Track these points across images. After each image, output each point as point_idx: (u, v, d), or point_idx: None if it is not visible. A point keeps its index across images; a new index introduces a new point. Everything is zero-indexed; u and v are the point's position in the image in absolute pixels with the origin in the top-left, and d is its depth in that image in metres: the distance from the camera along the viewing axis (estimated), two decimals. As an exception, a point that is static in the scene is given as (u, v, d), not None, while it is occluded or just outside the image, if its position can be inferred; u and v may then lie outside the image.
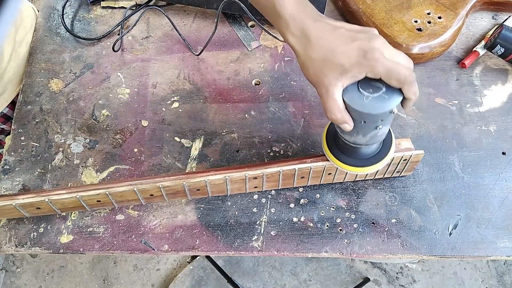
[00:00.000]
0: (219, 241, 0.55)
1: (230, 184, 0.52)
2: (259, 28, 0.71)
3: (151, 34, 0.71)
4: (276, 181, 0.54)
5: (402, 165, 0.54)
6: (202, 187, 0.52)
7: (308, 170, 0.52)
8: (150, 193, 0.52)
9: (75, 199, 0.50)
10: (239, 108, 0.64)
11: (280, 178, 0.53)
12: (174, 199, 0.54)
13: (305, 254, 0.55)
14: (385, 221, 0.56)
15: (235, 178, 0.51)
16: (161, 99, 0.65)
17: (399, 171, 0.56)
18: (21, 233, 0.56)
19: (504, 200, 0.57)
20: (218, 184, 0.52)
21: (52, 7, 0.74)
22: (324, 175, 0.53)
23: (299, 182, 0.55)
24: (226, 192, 0.54)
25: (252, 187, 0.54)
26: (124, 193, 0.51)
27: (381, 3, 0.66)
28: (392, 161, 0.52)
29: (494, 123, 0.62)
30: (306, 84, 0.66)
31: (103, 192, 0.50)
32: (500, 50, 0.62)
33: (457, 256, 0.54)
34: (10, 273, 1.36)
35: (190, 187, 0.51)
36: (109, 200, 0.52)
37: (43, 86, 0.67)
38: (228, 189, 0.53)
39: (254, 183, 0.53)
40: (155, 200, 0.54)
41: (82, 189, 0.50)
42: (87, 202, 0.51)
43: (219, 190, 0.54)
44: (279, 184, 0.55)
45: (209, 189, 0.52)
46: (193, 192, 0.53)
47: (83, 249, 0.55)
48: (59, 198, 0.50)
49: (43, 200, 0.49)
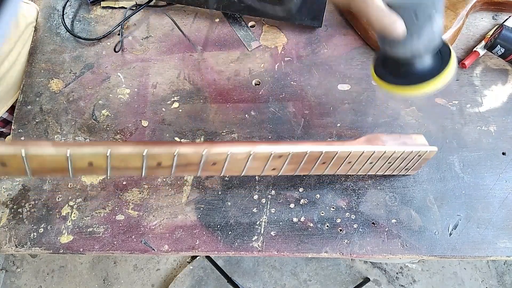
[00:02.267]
0: (219, 241, 0.55)
1: (251, 162, 0.46)
2: (259, 28, 0.71)
3: (151, 34, 0.71)
4: (297, 164, 0.49)
5: (414, 161, 0.54)
6: (220, 161, 0.45)
7: (333, 155, 0.48)
8: (158, 161, 0.42)
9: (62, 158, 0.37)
10: (239, 108, 0.64)
11: (303, 160, 0.48)
12: (181, 173, 0.45)
13: (305, 254, 0.55)
14: (385, 221, 0.56)
15: (260, 154, 0.45)
16: (161, 99, 0.65)
17: (408, 169, 0.56)
18: (21, 233, 0.56)
19: (504, 200, 0.57)
20: (238, 159, 0.45)
21: (52, 7, 0.74)
22: (344, 163, 0.50)
23: (317, 169, 0.51)
24: (241, 172, 0.47)
25: (270, 169, 0.48)
26: (129, 157, 0.40)
27: (381, 3, 0.66)
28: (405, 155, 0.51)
29: (494, 123, 0.62)
30: (306, 84, 0.66)
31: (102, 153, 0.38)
32: (500, 50, 0.62)
33: (457, 256, 0.54)
34: (10, 273, 1.36)
35: (208, 158, 0.44)
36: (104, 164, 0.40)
37: (43, 86, 0.67)
38: (246, 167, 0.46)
39: (275, 163, 0.47)
40: (158, 172, 0.44)
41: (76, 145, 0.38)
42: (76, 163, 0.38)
43: (235, 168, 0.47)
44: (298, 169, 0.49)
45: (226, 165, 0.45)
46: (207, 167, 0.45)
47: (83, 249, 0.55)
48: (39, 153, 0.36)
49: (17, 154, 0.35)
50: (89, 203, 0.58)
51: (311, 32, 0.70)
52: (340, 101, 0.64)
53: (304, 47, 0.69)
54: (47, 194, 0.59)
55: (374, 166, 0.53)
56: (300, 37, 0.70)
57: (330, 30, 0.70)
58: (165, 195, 0.59)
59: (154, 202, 0.58)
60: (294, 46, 0.69)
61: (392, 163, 0.52)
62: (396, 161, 0.52)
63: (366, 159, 0.50)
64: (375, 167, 0.53)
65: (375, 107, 0.64)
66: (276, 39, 0.70)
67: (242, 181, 0.59)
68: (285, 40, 0.70)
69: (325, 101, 0.64)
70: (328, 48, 0.69)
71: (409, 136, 0.54)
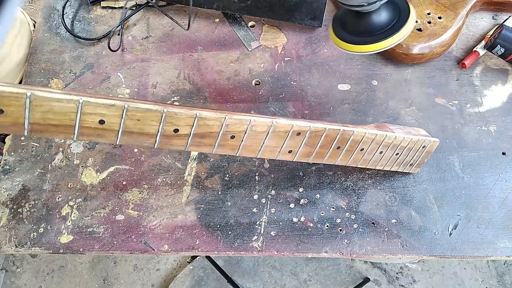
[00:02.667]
0: (219, 241, 0.55)
1: (270, 138, 0.45)
2: (259, 28, 0.71)
3: (151, 34, 0.71)
4: (314, 146, 0.48)
5: (419, 154, 0.54)
6: (239, 134, 0.43)
7: (349, 137, 0.49)
8: (176, 126, 0.39)
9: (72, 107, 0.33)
10: (239, 108, 0.64)
11: (319, 142, 0.48)
12: (197, 147, 0.42)
13: (305, 254, 0.55)
14: (385, 221, 0.56)
15: (280, 127, 0.44)
16: (161, 99, 0.65)
17: (412, 164, 0.56)
18: (21, 233, 0.56)
19: (504, 200, 0.57)
20: (258, 133, 0.44)
21: (52, 7, 0.74)
22: (357, 150, 0.51)
23: (331, 156, 0.51)
24: (257, 152, 0.46)
25: (287, 150, 0.47)
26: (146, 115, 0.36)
27: (381, 3, 0.66)
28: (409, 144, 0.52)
29: (494, 123, 0.62)
30: (306, 84, 0.66)
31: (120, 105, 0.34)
32: (500, 50, 0.62)
33: (457, 256, 0.54)
34: (10, 273, 1.36)
35: (229, 126, 0.41)
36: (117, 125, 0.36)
37: (43, 86, 0.67)
38: (264, 145, 0.45)
39: (292, 142, 0.47)
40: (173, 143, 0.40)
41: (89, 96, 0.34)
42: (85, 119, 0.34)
43: (253, 145, 0.45)
44: (313, 154, 0.49)
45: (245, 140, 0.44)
46: (224, 141, 0.43)
47: (83, 249, 0.55)
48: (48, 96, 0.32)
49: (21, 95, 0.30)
50: (89, 203, 0.58)
51: (311, 32, 0.70)
52: (340, 101, 0.64)
53: (304, 47, 0.69)
54: (47, 194, 0.59)
55: (383, 157, 0.53)
56: (300, 37, 0.70)
57: (330, 30, 0.70)
58: (165, 195, 0.59)
59: (154, 202, 0.58)
60: (294, 46, 0.69)
61: (399, 155, 0.53)
62: (403, 152, 0.53)
63: (378, 145, 0.51)
64: (384, 158, 0.54)
65: (375, 107, 0.64)
66: (276, 39, 0.70)
67: (242, 181, 0.59)
68: (285, 40, 0.70)
69: (325, 101, 0.64)
70: (328, 48, 0.69)
71: (412, 128, 0.56)
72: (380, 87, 0.65)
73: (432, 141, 0.54)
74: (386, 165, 0.55)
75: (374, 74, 0.66)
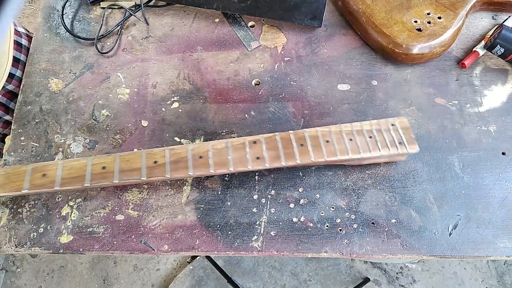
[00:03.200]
0: (219, 241, 0.55)
1: (232, 152, 0.54)
2: (259, 28, 0.71)
3: (151, 34, 0.71)
4: (276, 150, 0.54)
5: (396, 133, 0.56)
6: (205, 153, 0.54)
7: (303, 135, 0.55)
8: (155, 159, 0.53)
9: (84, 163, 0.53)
10: (239, 108, 0.64)
11: (279, 145, 0.54)
12: (175, 173, 0.53)
13: (305, 254, 0.55)
14: (385, 221, 0.56)
15: (235, 140, 0.55)
16: (161, 99, 0.65)
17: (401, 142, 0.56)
18: (21, 233, 0.56)
19: (504, 200, 0.57)
20: (219, 149, 0.54)
21: (52, 7, 0.74)
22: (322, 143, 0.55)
23: (302, 155, 0.54)
24: (228, 166, 0.54)
25: (255, 158, 0.54)
26: (132, 156, 0.53)
27: (381, 3, 0.66)
28: None
29: (494, 123, 0.62)
30: (306, 84, 0.66)
31: (113, 155, 0.54)
32: (500, 50, 0.62)
33: (457, 256, 0.54)
34: (10, 273, 1.36)
35: (194, 150, 0.54)
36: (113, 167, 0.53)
37: (43, 86, 0.67)
38: (230, 160, 0.54)
39: (255, 150, 0.54)
40: (157, 172, 0.53)
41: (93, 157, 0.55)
42: (93, 168, 0.53)
43: (221, 160, 0.54)
44: (282, 156, 0.54)
45: (212, 156, 0.54)
46: (196, 162, 0.53)
47: (83, 249, 0.55)
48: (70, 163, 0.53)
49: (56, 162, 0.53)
50: (89, 203, 0.58)
51: (311, 32, 0.70)
52: (340, 101, 0.64)
53: (304, 47, 0.69)
54: (47, 194, 0.59)
55: (359, 143, 0.56)
56: (300, 37, 0.70)
57: (330, 30, 0.70)
58: (165, 195, 0.59)
59: (154, 202, 0.58)
60: (294, 46, 0.69)
61: (374, 138, 0.56)
62: (375, 135, 0.56)
63: (340, 135, 0.55)
64: (361, 144, 0.56)
65: (375, 107, 0.64)
66: (276, 39, 0.70)
67: (242, 181, 0.59)
68: (285, 40, 0.70)
69: (325, 101, 0.64)
70: (328, 48, 0.69)
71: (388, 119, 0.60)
72: (380, 87, 0.65)
73: (398, 119, 0.57)
74: (372, 150, 0.56)
75: (374, 74, 0.66)
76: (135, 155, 0.54)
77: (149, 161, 0.53)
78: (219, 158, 0.54)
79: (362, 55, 0.68)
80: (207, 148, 0.54)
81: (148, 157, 0.53)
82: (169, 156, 0.53)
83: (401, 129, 0.56)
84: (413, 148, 0.56)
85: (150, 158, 0.53)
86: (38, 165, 0.53)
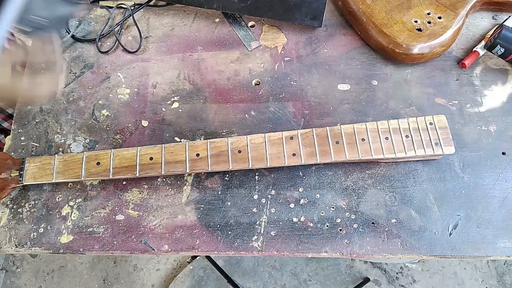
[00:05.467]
0: (219, 241, 0.55)
1: (269, 147, 0.55)
2: (259, 28, 0.71)
3: (151, 34, 0.71)
4: (312, 146, 0.55)
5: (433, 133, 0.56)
6: (244, 147, 0.55)
7: (339, 131, 0.55)
8: (197, 151, 0.55)
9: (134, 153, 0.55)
10: (239, 108, 0.64)
11: (315, 141, 0.55)
12: (217, 166, 0.55)
13: (305, 254, 0.55)
14: (385, 221, 0.56)
15: (273, 136, 0.56)
16: (161, 99, 0.65)
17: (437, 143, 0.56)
18: (21, 233, 0.56)
19: (504, 200, 0.57)
20: (257, 144, 0.55)
21: (52, 7, 0.74)
22: (358, 141, 0.55)
23: (336, 151, 0.55)
24: (265, 161, 0.55)
25: (291, 154, 0.55)
26: (176, 148, 0.55)
27: (381, 3, 0.66)
28: None
29: (494, 123, 0.62)
30: (306, 84, 0.66)
31: (159, 146, 0.56)
32: (500, 50, 0.62)
33: (457, 256, 0.54)
34: (10, 273, 1.36)
35: (233, 144, 0.55)
36: (160, 158, 0.55)
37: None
38: (268, 156, 0.55)
39: (291, 146, 0.55)
40: (199, 165, 0.55)
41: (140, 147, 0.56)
42: (142, 158, 0.55)
43: (258, 155, 0.55)
44: (317, 153, 0.55)
45: (250, 151, 0.55)
46: (235, 156, 0.55)
47: (83, 249, 0.55)
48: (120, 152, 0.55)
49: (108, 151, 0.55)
50: (89, 203, 0.58)
51: (311, 32, 0.70)
52: (340, 101, 0.64)
53: (304, 47, 0.69)
54: (47, 194, 0.59)
55: (395, 143, 0.56)
56: (300, 37, 0.70)
57: (330, 30, 0.70)
58: (165, 195, 0.59)
59: (154, 202, 0.58)
60: (294, 46, 0.69)
61: (411, 137, 0.56)
62: (412, 133, 0.56)
63: (376, 134, 0.55)
64: (397, 144, 0.56)
65: (375, 107, 0.64)
66: (276, 39, 0.70)
67: (242, 181, 0.59)
68: (285, 40, 0.70)
69: (325, 101, 0.64)
70: (328, 48, 0.69)
71: None
72: (380, 87, 0.65)
73: (436, 117, 0.57)
74: (407, 150, 0.56)
75: (374, 74, 0.66)
76: (178, 146, 0.55)
77: (192, 153, 0.55)
78: (256, 152, 0.55)
79: (362, 55, 0.68)
80: (245, 142, 0.55)
81: (190, 149, 0.55)
82: (210, 149, 0.55)
83: (439, 128, 0.56)
84: (449, 150, 0.56)
85: (192, 151, 0.55)
86: (91, 153, 0.55)
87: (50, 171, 0.55)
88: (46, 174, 0.55)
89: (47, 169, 0.55)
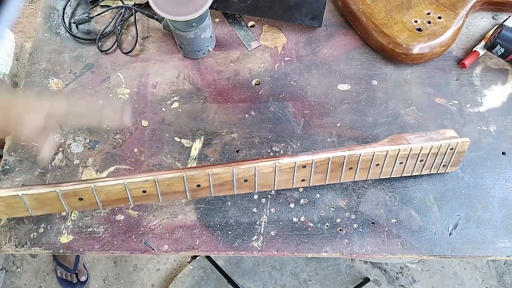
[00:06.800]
0: (219, 241, 0.55)
1: (278, 175, 0.50)
2: (259, 28, 0.71)
3: (151, 34, 0.71)
4: (324, 173, 0.51)
5: (449, 156, 0.54)
6: (250, 177, 0.49)
7: (357, 158, 0.50)
8: (197, 182, 0.48)
9: (121, 187, 0.46)
10: (239, 108, 0.64)
11: (328, 168, 0.51)
12: (220, 193, 0.51)
13: (305, 254, 0.55)
14: (385, 221, 0.56)
15: (284, 165, 0.49)
16: (161, 99, 0.65)
17: (445, 165, 0.56)
18: (21, 233, 0.56)
19: (504, 200, 0.57)
20: (266, 173, 0.49)
21: (52, 7, 0.74)
22: (372, 166, 0.52)
23: (346, 176, 0.53)
24: (273, 186, 0.51)
25: (300, 180, 0.51)
26: (172, 181, 0.47)
27: (381, 3, 0.66)
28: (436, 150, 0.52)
29: (494, 123, 0.62)
30: (306, 84, 0.66)
31: (152, 179, 0.46)
32: (500, 50, 0.62)
33: (457, 256, 0.54)
34: (10, 273, 1.36)
35: (239, 175, 0.49)
36: (155, 191, 0.48)
37: (43, 86, 0.67)
38: (276, 181, 0.50)
39: (302, 173, 0.51)
40: (201, 193, 0.50)
41: (129, 176, 0.47)
42: (133, 192, 0.47)
43: (266, 182, 0.51)
44: (327, 177, 0.52)
45: (257, 180, 0.50)
46: (240, 184, 0.50)
47: (83, 249, 0.55)
48: (104, 184, 0.46)
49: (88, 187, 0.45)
50: (89, 203, 0.58)
51: (311, 32, 0.70)
52: (340, 101, 0.64)
53: (304, 47, 0.69)
54: (47, 194, 0.59)
55: (406, 166, 0.54)
56: (300, 37, 0.70)
57: (330, 30, 0.70)
58: (165, 195, 0.58)
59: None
60: (294, 46, 0.69)
61: (424, 161, 0.53)
62: (428, 158, 0.53)
63: (394, 159, 0.52)
64: (408, 167, 0.54)
65: (375, 107, 0.64)
66: (276, 39, 0.70)
67: (242, 181, 0.59)
68: (285, 40, 0.70)
69: (325, 101, 0.64)
70: (328, 48, 0.69)
71: (437, 132, 0.56)
72: (380, 87, 0.65)
73: (461, 142, 0.53)
74: (415, 171, 0.55)
75: (374, 74, 0.66)
76: (174, 179, 0.47)
77: (191, 185, 0.49)
78: (264, 180, 0.50)
79: (362, 55, 0.68)
80: (253, 172, 0.49)
81: (189, 181, 0.48)
82: (212, 180, 0.49)
83: (456, 152, 0.54)
84: (452, 169, 0.57)
85: (192, 182, 0.48)
86: (65, 189, 0.46)
87: (22, 208, 0.46)
88: (19, 211, 0.47)
89: (18, 207, 0.46)
